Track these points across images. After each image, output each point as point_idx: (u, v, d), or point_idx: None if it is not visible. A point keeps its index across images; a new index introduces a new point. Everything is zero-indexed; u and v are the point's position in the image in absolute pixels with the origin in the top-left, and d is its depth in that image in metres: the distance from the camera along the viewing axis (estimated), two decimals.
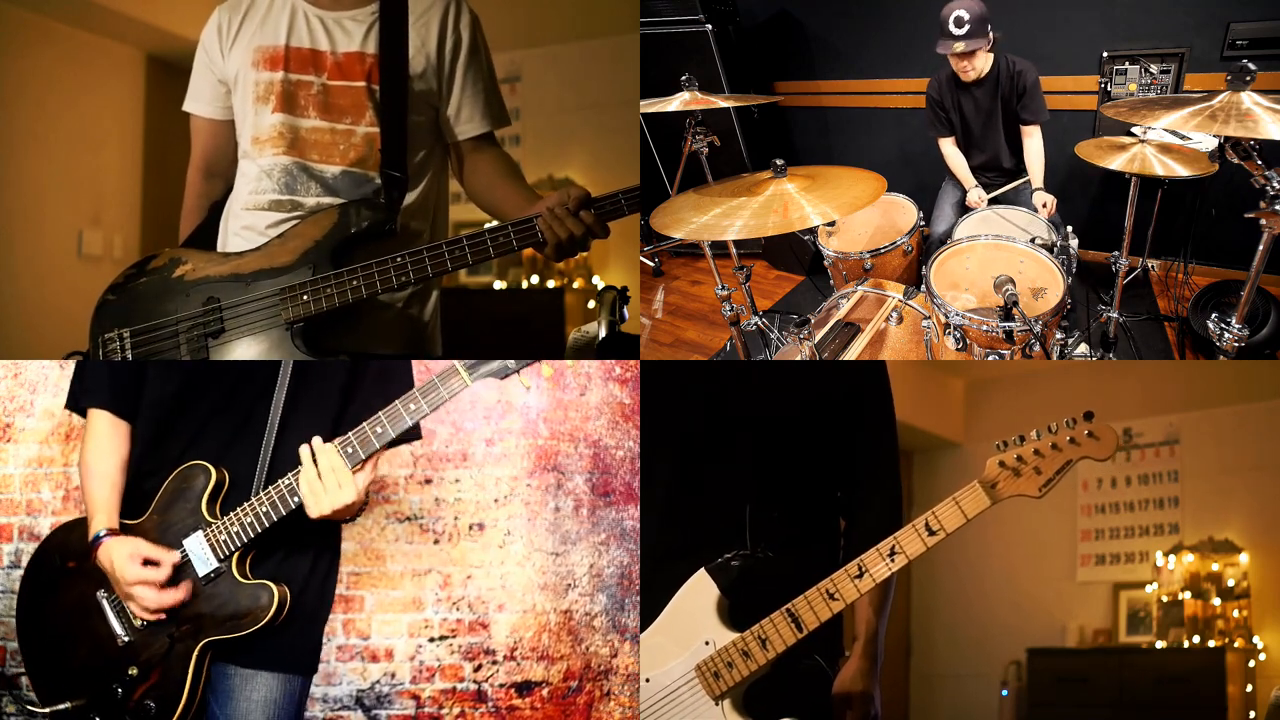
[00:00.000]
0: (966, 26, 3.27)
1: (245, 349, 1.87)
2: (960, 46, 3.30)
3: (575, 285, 5.39)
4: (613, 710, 2.87)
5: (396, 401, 1.54)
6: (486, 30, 2.12)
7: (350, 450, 1.54)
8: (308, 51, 1.99)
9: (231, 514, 1.58)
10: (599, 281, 5.38)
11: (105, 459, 1.66)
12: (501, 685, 2.85)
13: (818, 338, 2.65)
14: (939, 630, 4.36)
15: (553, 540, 2.89)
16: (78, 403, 1.72)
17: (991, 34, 3.35)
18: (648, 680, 1.52)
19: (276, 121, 1.98)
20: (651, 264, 5.11)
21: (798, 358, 2.46)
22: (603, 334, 3.33)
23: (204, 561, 1.58)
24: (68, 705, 1.61)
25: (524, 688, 2.86)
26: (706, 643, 1.48)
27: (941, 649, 4.35)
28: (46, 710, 1.62)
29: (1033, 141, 3.49)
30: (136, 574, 1.55)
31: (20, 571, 2.76)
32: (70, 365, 2.76)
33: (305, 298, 1.86)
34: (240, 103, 2.04)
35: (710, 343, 4.21)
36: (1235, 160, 1.95)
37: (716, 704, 1.46)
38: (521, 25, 5.17)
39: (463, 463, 2.88)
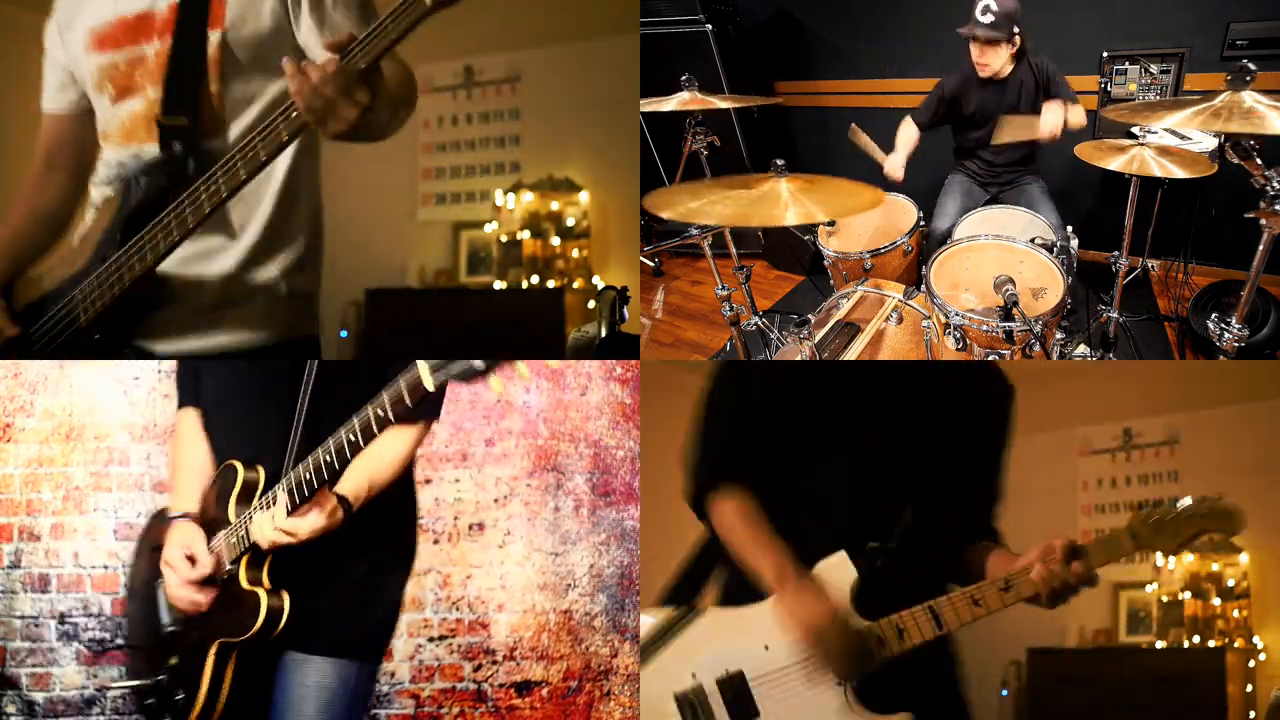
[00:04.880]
0: (992, 18, 3.22)
1: (78, 370, 1.75)
2: (980, 34, 3.25)
3: (575, 285, 5.39)
4: (613, 710, 2.87)
5: (340, 430, 1.47)
6: (486, 30, 1.99)
7: (294, 492, 1.52)
8: (133, 19, 1.69)
9: (240, 518, 1.59)
10: (599, 281, 5.38)
11: (187, 451, 1.70)
12: (501, 685, 2.85)
13: (818, 338, 2.65)
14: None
15: (553, 540, 2.89)
16: (180, 401, 1.77)
17: (1017, 36, 3.30)
18: (766, 648, 1.50)
19: (121, 113, 1.72)
20: (651, 264, 5.11)
21: (797, 357, 2.46)
22: (603, 334, 3.33)
23: (224, 562, 1.61)
24: (130, 684, 1.70)
25: (524, 687, 2.85)
26: None
27: None
28: (115, 685, 1.75)
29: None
30: (174, 557, 1.60)
31: (20, 571, 2.77)
32: (67, 365, 2.77)
33: (93, 294, 1.65)
34: (90, 93, 1.78)
35: (710, 343, 4.21)
36: (1235, 160, 1.95)
37: (839, 684, 1.45)
38: (522, 25, 5.17)
39: (462, 463, 2.87)
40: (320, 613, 1.63)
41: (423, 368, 1.33)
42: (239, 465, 1.62)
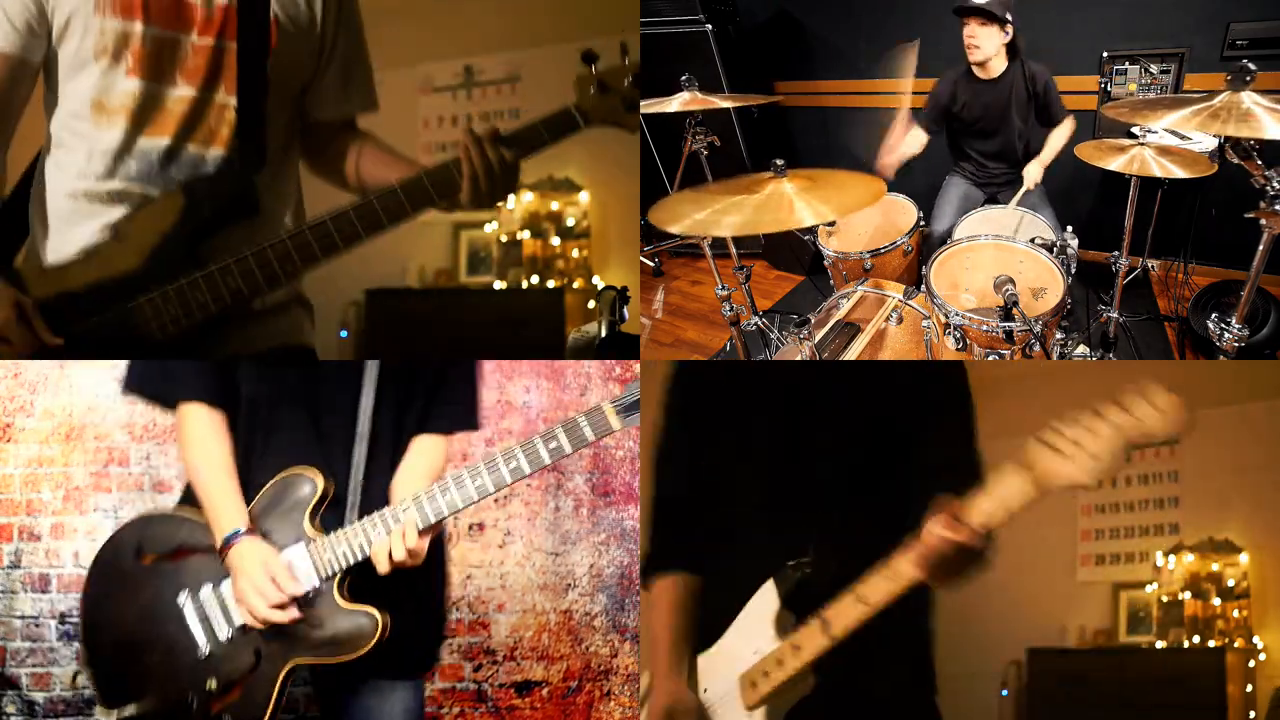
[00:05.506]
0: None
1: (78, 370, 1.65)
2: (973, 2, 3.26)
3: (575, 285, 5.39)
4: (613, 710, 2.87)
5: (515, 448, 1.50)
6: (484, 30, 2.00)
7: (433, 505, 1.52)
8: (171, 0, 1.61)
9: (339, 533, 1.51)
10: (599, 281, 5.38)
11: (215, 453, 1.59)
12: (501, 685, 2.85)
13: (818, 338, 2.65)
14: (939, 630, 4.35)
15: (552, 540, 2.89)
16: (168, 397, 1.62)
17: (1010, 25, 3.31)
18: (705, 691, 1.47)
19: (134, 88, 1.59)
20: (651, 264, 5.11)
21: (797, 357, 2.46)
22: (603, 334, 3.33)
23: (305, 578, 1.51)
24: (133, 709, 1.56)
25: (524, 687, 2.86)
26: (754, 652, 1.42)
27: (941, 649, 4.35)
28: (114, 714, 1.56)
29: (1059, 130, 3.48)
30: (260, 579, 1.49)
31: (20, 571, 2.77)
32: (67, 365, 2.77)
33: (173, 310, 1.56)
34: (75, 51, 1.61)
35: (710, 343, 4.21)
36: (1235, 160, 1.95)
37: (749, 713, 1.41)
38: (522, 25, 5.17)
39: (462, 462, 2.87)
40: (405, 636, 1.57)
41: (609, 410, 1.49)
42: (315, 474, 1.54)
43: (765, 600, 1.43)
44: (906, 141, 3.54)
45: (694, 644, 1.50)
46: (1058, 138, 3.48)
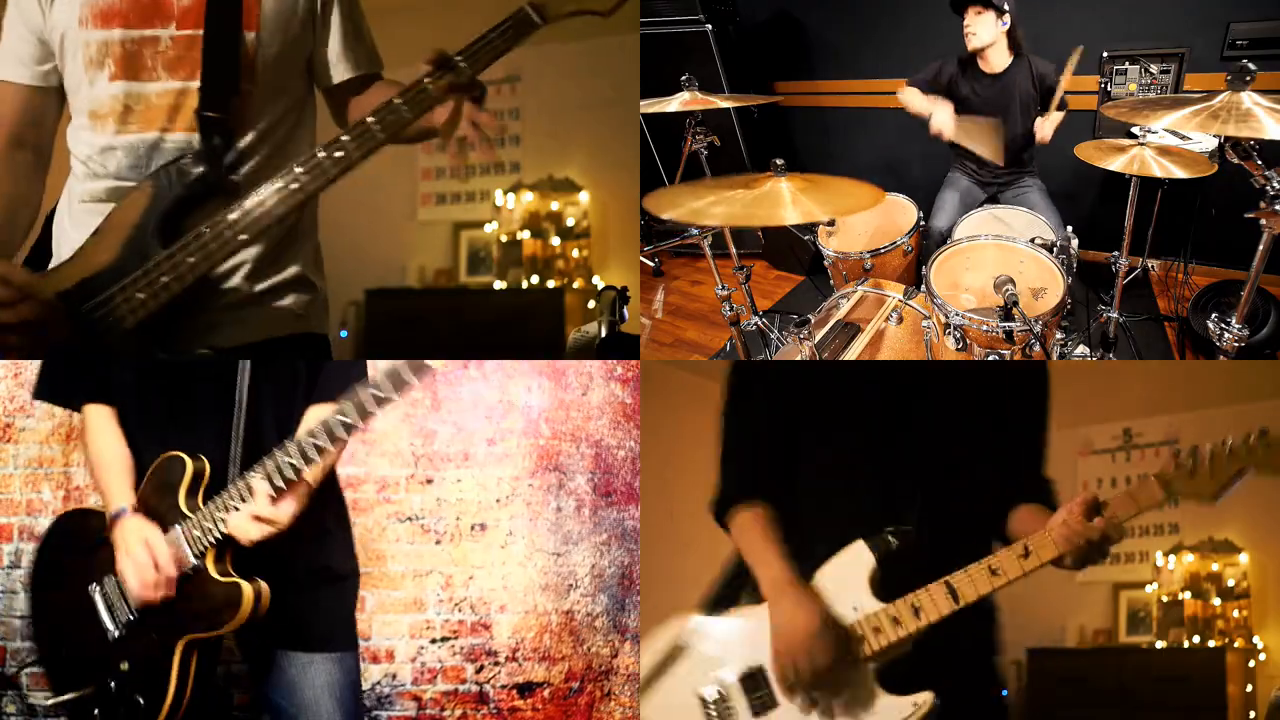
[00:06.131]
0: None
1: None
2: None
3: (575, 285, 5.39)
4: (614, 710, 2.87)
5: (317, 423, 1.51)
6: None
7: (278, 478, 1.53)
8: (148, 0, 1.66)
9: (203, 509, 1.57)
10: (599, 281, 5.38)
11: (112, 446, 1.66)
12: (503, 686, 2.85)
13: (818, 338, 2.65)
14: None
15: (554, 540, 2.89)
16: (69, 399, 1.72)
17: (1008, 14, 3.31)
18: None
19: (118, 91, 1.65)
20: (651, 264, 5.12)
21: (797, 357, 2.46)
22: (603, 334, 3.33)
23: (186, 556, 1.57)
24: (73, 695, 1.63)
25: (525, 689, 2.86)
26: (853, 608, 1.49)
27: None
28: (52, 701, 1.64)
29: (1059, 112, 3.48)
30: (138, 554, 1.55)
31: (20, 571, 2.77)
32: None
33: (140, 295, 1.57)
34: (71, 69, 1.70)
35: (710, 343, 4.21)
36: (1235, 160, 1.96)
37: (859, 664, 1.48)
38: None
39: (464, 463, 2.87)
40: (316, 609, 1.63)
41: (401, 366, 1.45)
42: (185, 456, 1.59)
43: (858, 558, 1.51)
44: (918, 101, 3.48)
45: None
46: (1057, 114, 3.46)
